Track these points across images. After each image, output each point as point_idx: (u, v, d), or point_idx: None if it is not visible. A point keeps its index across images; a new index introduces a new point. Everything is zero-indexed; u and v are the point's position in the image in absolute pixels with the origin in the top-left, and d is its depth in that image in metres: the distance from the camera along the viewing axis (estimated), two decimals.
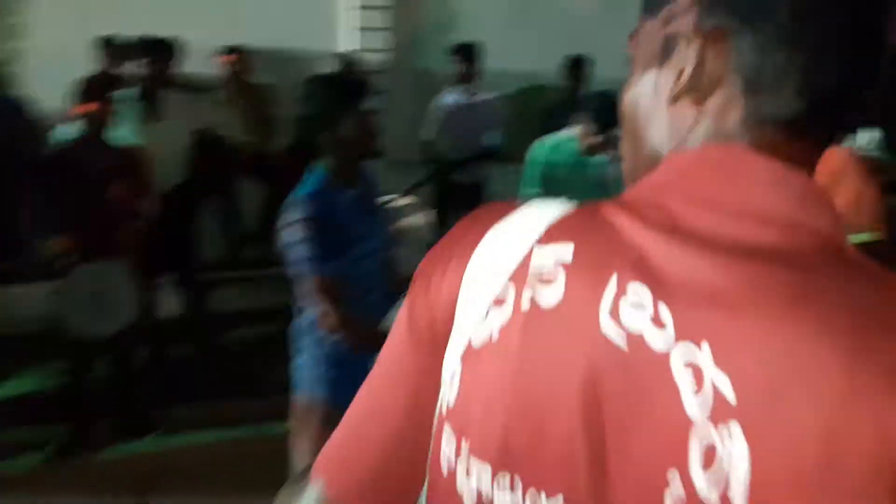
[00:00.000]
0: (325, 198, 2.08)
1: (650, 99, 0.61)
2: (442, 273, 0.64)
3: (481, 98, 4.70)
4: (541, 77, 5.59)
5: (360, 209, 2.17)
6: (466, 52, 4.65)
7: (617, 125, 2.45)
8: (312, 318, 2.13)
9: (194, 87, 4.53)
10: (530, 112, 5.05)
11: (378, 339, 2.14)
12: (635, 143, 0.64)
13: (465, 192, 4.71)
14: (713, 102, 0.57)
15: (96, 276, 3.09)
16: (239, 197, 5.05)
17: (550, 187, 3.50)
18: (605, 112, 3.27)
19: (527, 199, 2.47)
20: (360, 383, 2.10)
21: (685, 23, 0.58)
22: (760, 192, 0.54)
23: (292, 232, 2.04)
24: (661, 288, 0.52)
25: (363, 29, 5.56)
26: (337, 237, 2.06)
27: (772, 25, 0.54)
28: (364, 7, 5.55)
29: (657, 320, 0.51)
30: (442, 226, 4.16)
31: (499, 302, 0.59)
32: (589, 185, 3.44)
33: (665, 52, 0.59)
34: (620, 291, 0.53)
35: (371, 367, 1.18)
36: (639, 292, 0.52)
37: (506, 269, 0.59)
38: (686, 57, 0.57)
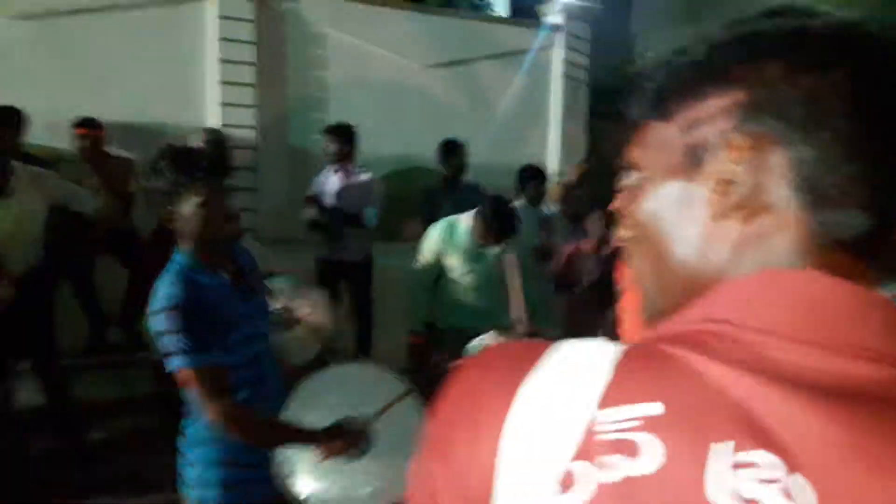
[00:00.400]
0: (190, 281, 1.86)
1: (677, 213, 0.55)
2: (469, 445, 0.50)
3: (359, 178, 4.66)
4: (410, 160, 5.65)
5: (233, 292, 1.97)
6: (342, 132, 4.62)
7: (510, 235, 2.51)
8: (197, 414, 1.91)
9: (45, 161, 4.14)
10: (406, 193, 5.06)
11: (275, 433, 1.96)
12: (656, 260, 0.57)
13: (351, 269, 4.61)
14: (764, 220, 0.51)
15: None
16: (97, 277, 4.63)
17: (445, 271, 3.53)
18: (499, 221, 3.35)
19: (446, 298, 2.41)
20: (255, 483, 1.88)
21: (717, 130, 0.52)
22: (858, 324, 0.48)
23: (160, 321, 1.81)
24: (789, 455, 0.43)
25: (225, 105, 5.38)
26: (212, 323, 1.84)
27: (832, 133, 0.48)
28: (226, 83, 5.38)
29: (790, 495, 0.42)
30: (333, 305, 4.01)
31: (566, 485, 0.46)
32: (484, 274, 3.51)
33: (692, 162, 0.53)
34: (739, 462, 0.43)
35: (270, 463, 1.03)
36: (766, 462, 0.43)
37: (565, 442, 0.47)
38: (727, 169, 0.51)
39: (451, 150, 4.90)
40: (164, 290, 1.83)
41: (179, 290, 1.82)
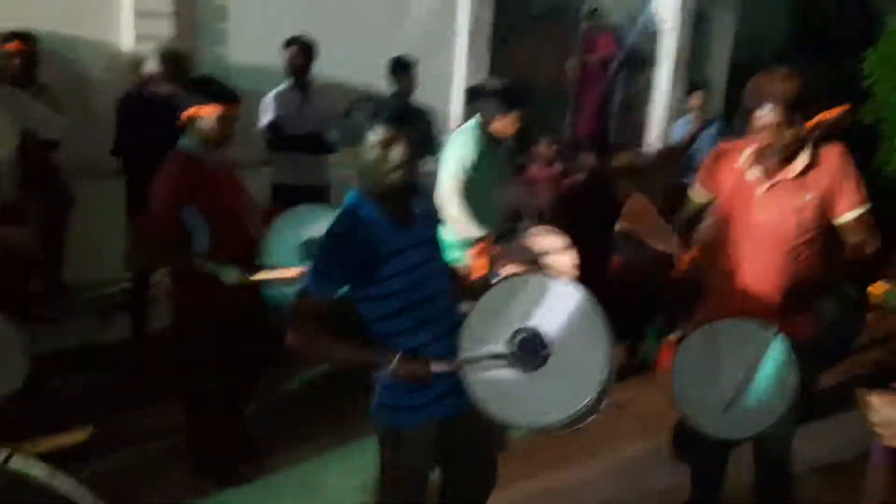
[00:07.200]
0: (351, 216, 2.16)
1: None
2: None
3: (320, 95, 4.69)
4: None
5: (393, 228, 2.17)
6: (307, 45, 4.61)
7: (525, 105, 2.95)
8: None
9: None
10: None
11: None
12: None
13: (307, 194, 4.63)
14: None
15: None
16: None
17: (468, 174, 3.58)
18: (515, 96, 3.62)
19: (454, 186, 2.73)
20: (421, 408, 2.12)
21: None
22: None
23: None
24: None
25: (140, 15, 4.97)
26: (365, 255, 2.09)
27: None
28: None
29: None
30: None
31: None
32: (497, 167, 3.70)
33: None
34: None
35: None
36: None
37: None
38: None
39: (402, 68, 5.02)
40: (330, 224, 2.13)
41: (335, 222, 2.13)
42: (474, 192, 3.55)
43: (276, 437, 3.56)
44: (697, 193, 2.81)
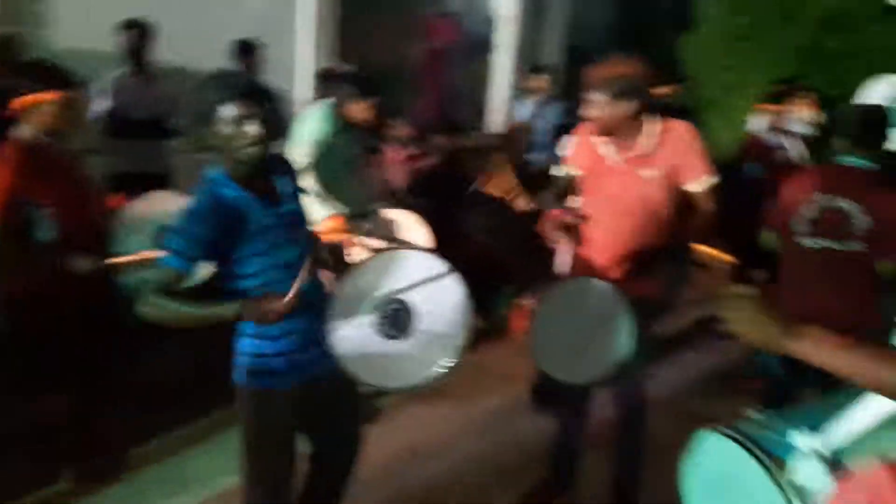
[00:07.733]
0: (213, 194, 2.11)
1: None
2: None
3: (155, 77, 4.51)
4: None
5: (259, 205, 2.15)
6: (141, 29, 4.42)
7: (377, 94, 3.14)
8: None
9: None
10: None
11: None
12: None
13: (148, 182, 4.43)
14: None
15: None
16: None
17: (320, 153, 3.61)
18: (369, 84, 3.65)
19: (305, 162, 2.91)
20: (281, 355, 2.19)
21: None
22: None
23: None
24: None
25: None
26: (228, 231, 2.09)
27: None
28: None
29: None
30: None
31: None
32: (349, 149, 3.73)
33: None
34: None
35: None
36: None
37: None
38: None
39: (246, 50, 4.90)
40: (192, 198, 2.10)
41: (196, 200, 2.09)
42: (328, 171, 3.56)
43: (139, 432, 3.43)
44: (564, 170, 2.96)
